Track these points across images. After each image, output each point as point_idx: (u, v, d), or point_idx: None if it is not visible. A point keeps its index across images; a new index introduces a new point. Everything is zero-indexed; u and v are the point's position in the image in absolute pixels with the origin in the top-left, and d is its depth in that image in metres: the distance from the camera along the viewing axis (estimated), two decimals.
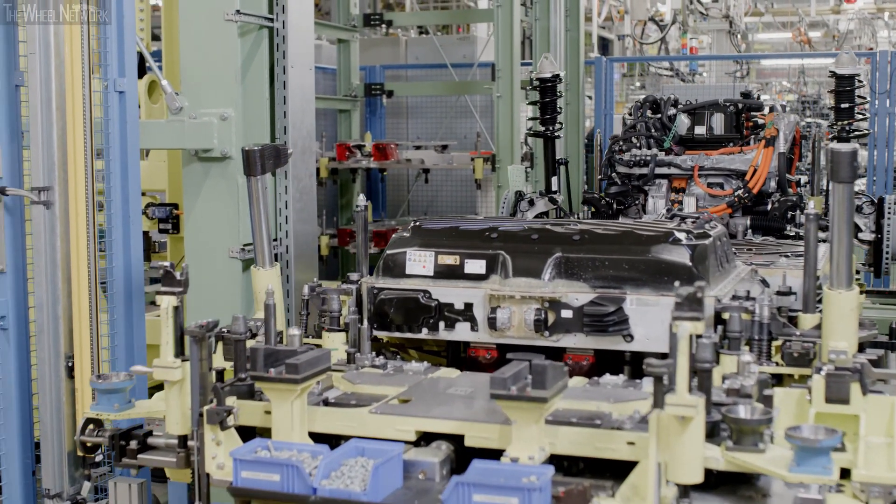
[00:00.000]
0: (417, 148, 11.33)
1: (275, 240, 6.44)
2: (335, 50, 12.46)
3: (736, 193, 7.32)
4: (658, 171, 7.61)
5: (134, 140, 5.22)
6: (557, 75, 8.33)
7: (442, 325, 4.35)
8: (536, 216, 7.94)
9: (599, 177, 8.12)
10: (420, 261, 4.41)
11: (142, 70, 6.88)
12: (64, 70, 4.61)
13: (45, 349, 4.72)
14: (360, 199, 5.16)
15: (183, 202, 6.38)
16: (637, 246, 4.20)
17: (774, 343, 4.06)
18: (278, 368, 3.40)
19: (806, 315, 4.23)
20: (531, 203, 8.22)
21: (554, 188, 8.47)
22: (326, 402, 3.68)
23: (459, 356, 4.56)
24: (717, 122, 7.83)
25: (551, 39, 10.90)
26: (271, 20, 6.29)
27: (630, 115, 8.28)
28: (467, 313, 4.30)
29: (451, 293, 4.33)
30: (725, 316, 3.87)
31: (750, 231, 7.12)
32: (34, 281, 4.75)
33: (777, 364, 4.01)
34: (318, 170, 11.08)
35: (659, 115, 8.04)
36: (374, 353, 4.25)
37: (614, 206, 7.86)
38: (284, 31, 6.30)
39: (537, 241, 4.34)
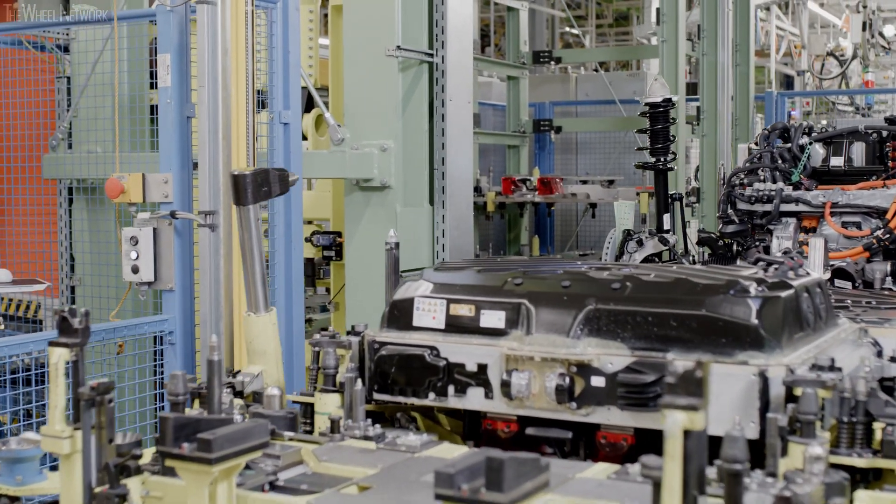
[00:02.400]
0: (583, 182, 11.45)
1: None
2: (505, 87, 12.71)
3: (874, 234, 6.36)
4: (784, 207, 6.77)
5: (297, 169, 5.51)
6: (669, 99, 7.64)
7: (452, 389, 3.54)
8: (645, 259, 7.26)
9: (718, 214, 7.23)
10: (429, 310, 3.62)
11: (310, 105, 7.24)
12: (230, 102, 4.92)
13: (206, 361, 5.02)
14: (391, 235, 4.35)
15: (345, 229, 6.68)
16: (689, 298, 3.30)
17: (878, 425, 3.18)
18: (194, 444, 2.70)
19: None
20: (640, 243, 7.46)
21: (666, 227, 7.68)
22: (273, 485, 3.02)
23: (478, 427, 3.77)
24: (857, 153, 7.01)
25: (719, 74, 10.89)
26: (431, 55, 6.55)
27: (756, 144, 7.43)
28: (481, 377, 3.48)
29: (462, 351, 3.51)
30: (798, 392, 2.97)
31: (890, 279, 6.25)
32: (200, 299, 5.06)
33: (876, 454, 3.10)
34: (485, 204, 11.32)
35: (789, 145, 7.19)
36: (369, 419, 3.47)
37: (734, 247, 7.07)
38: (443, 66, 6.55)
39: (568, 290, 3.49)
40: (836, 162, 7.03)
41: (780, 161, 7.10)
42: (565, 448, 3.42)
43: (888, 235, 6.34)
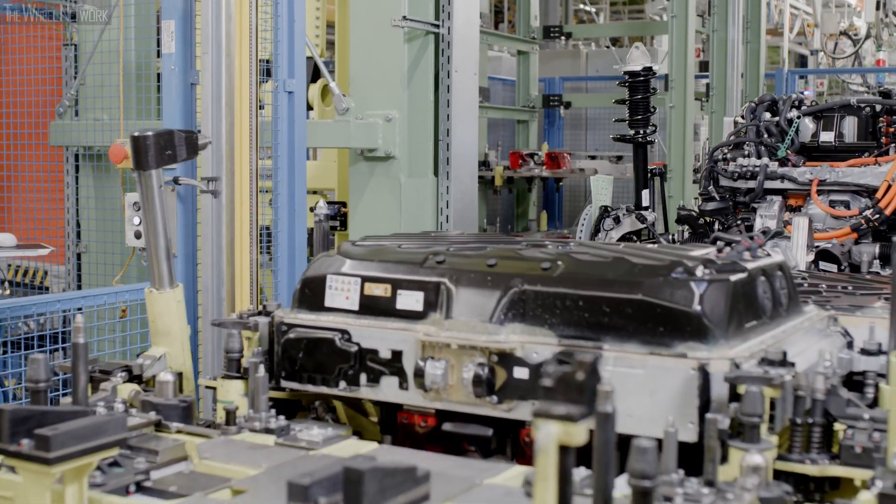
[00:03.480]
0: (592, 158, 11.45)
1: None
2: (515, 62, 12.71)
3: (863, 214, 5.95)
4: (769, 184, 6.37)
5: (301, 138, 5.52)
6: (650, 68, 7.22)
7: (364, 378, 3.17)
8: (622, 237, 6.91)
9: (699, 191, 6.81)
10: (343, 289, 3.25)
11: (317, 76, 7.25)
12: (234, 69, 4.93)
13: (208, 329, 5.06)
14: (320, 206, 3.95)
15: (349, 199, 6.71)
16: (625, 280, 2.90)
17: (840, 426, 2.81)
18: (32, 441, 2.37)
19: (889, 387, 2.73)
20: (617, 221, 7.11)
21: (645, 203, 7.36)
22: (140, 486, 2.65)
23: (395, 420, 3.38)
24: (849, 128, 6.58)
25: (729, 51, 10.88)
26: (437, 26, 6.55)
27: (742, 117, 6.95)
28: (395, 364, 3.12)
29: (375, 336, 3.15)
30: (742, 390, 2.59)
31: (878, 262, 5.82)
32: (202, 265, 5.09)
33: (832, 460, 2.70)
34: (493, 178, 11.34)
35: (777, 119, 6.72)
36: (273, 410, 3.09)
37: (715, 225, 6.64)
38: (450, 37, 6.56)
39: (493, 269, 3.09)
40: (827, 137, 6.63)
41: (766, 135, 6.69)
42: (491, 446, 3.08)
43: (878, 216, 5.93)
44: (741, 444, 2.50)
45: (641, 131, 7.33)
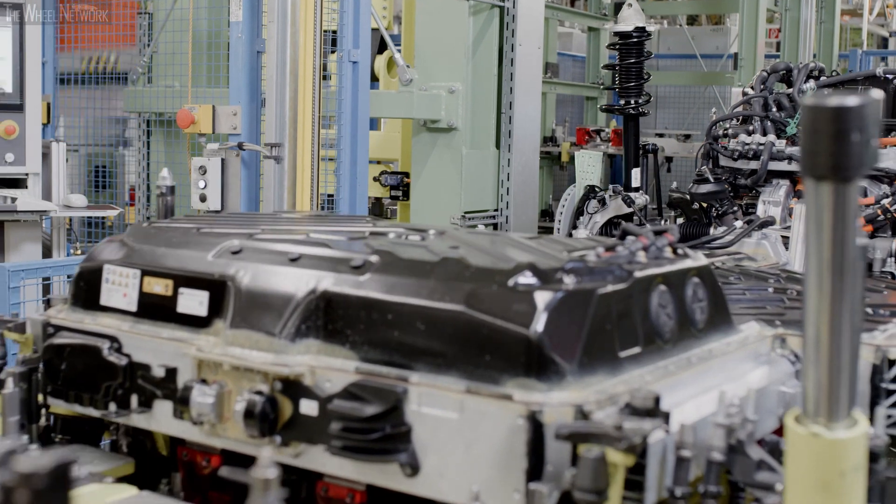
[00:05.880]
0: (659, 136, 11.42)
1: (496, 210, 6.76)
2: (585, 38, 12.69)
3: (881, 203, 5.12)
4: (775, 166, 5.56)
5: (364, 107, 5.64)
6: (643, 29, 6.33)
7: (135, 400, 2.43)
8: (608, 221, 6.20)
9: (696, 171, 5.96)
10: (121, 284, 2.53)
11: (383, 48, 7.36)
12: (298, 38, 5.05)
13: None
14: (163, 176, 3.37)
15: (411, 170, 6.81)
16: (447, 287, 2.10)
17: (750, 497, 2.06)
18: None
19: (786, 459, 1.90)
20: (602, 203, 6.37)
21: (636, 184, 6.66)
22: None
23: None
24: None
25: (801, 30, 10.77)
26: (503, 0, 6.60)
27: (752, 88, 6.09)
28: (170, 386, 2.38)
29: (147, 347, 2.42)
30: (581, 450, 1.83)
31: (892, 260, 5.03)
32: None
33: None
34: (559, 154, 11.37)
35: (790, 91, 5.91)
36: (26, 436, 2.49)
37: (712, 211, 5.88)
38: (515, 11, 6.62)
39: (294, 265, 2.33)
40: None
41: (775, 109, 5.88)
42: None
43: None
44: None
45: (633, 101, 6.60)
